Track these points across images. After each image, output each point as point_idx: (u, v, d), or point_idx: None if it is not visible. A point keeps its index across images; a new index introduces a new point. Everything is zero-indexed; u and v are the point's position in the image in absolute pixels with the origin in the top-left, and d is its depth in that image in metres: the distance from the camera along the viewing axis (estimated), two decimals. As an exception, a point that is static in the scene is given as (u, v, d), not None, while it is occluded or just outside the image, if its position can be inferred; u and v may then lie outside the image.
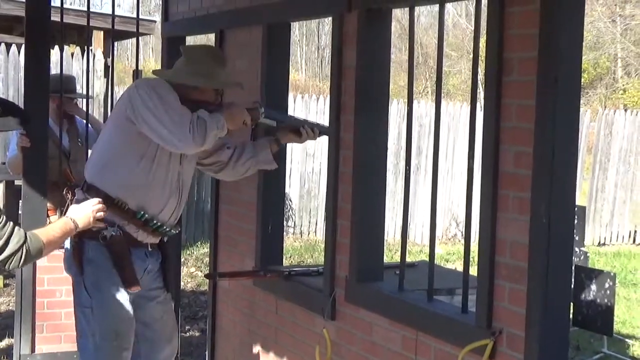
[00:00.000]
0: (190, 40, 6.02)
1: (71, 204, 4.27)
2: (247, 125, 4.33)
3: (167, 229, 4.34)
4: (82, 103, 6.98)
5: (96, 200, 3.93)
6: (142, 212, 4.19)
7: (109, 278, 4.19)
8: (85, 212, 3.84)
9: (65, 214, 3.96)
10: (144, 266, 4.34)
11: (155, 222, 4.24)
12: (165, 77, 4.28)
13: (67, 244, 4.26)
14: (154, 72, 4.51)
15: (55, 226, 3.74)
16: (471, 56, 3.79)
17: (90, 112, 6.75)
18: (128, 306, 4.26)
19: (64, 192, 5.72)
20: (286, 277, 4.68)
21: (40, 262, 5.71)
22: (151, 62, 30.35)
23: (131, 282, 4.21)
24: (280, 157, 4.86)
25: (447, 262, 11.52)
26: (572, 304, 6.60)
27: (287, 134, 4.55)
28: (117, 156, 4.20)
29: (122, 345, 4.25)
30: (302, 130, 4.50)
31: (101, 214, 3.89)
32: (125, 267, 4.19)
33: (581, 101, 3.45)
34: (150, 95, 4.07)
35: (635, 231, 14.03)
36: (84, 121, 6.36)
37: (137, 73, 7.20)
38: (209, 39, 7.48)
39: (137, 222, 4.21)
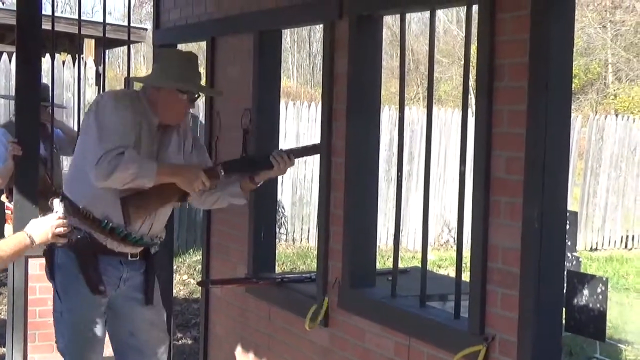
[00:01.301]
0: (182, 47, 6.02)
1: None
2: (206, 187, 4.25)
3: (139, 239, 4.32)
4: (63, 113, 7.00)
5: (56, 215, 3.82)
6: (106, 221, 4.20)
7: (76, 282, 4.24)
8: (43, 227, 3.75)
9: None
10: (119, 275, 4.35)
11: (121, 230, 4.23)
12: (136, 80, 4.40)
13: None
14: (131, 78, 4.66)
15: (8, 242, 3.67)
16: (462, 62, 3.80)
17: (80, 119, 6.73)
18: (96, 311, 4.31)
19: (49, 202, 5.73)
20: (279, 284, 4.67)
21: (32, 271, 5.70)
22: (142, 69, 30.31)
23: (93, 287, 4.22)
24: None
25: (439, 268, 11.52)
26: (564, 309, 6.61)
27: (259, 173, 4.44)
28: (82, 167, 4.18)
29: (90, 349, 4.33)
30: (272, 160, 4.37)
31: (61, 229, 3.79)
32: (89, 271, 4.22)
33: (572, 106, 3.46)
34: (94, 113, 4.10)
35: (627, 236, 14.06)
36: (58, 129, 6.44)
37: (128, 81, 7.20)
38: (201, 46, 7.50)
39: (102, 230, 4.22)
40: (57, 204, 4.03)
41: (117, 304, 4.42)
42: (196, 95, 4.33)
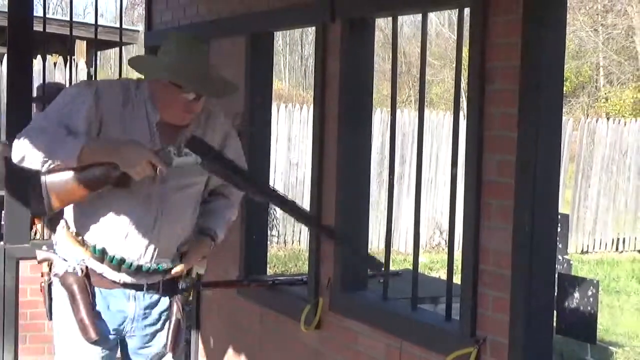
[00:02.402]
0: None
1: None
2: (153, 171, 3.18)
3: (139, 266, 3.39)
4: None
5: None
6: (94, 245, 3.36)
7: (69, 327, 3.43)
8: None
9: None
10: (123, 315, 3.46)
11: (114, 256, 3.36)
12: (132, 65, 3.45)
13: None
14: (130, 59, 3.56)
15: None
16: (454, 65, 3.80)
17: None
18: (90, 357, 3.44)
19: None
20: (270, 287, 4.67)
21: (23, 273, 5.69)
22: (134, 71, 30.27)
23: (83, 328, 3.38)
24: (265, 166, 4.88)
25: (431, 270, 11.52)
26: (555, 311, 6.61)
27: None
28: None
29: None
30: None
31: None
32: (77, 310, 3.37)
33: (564, 110, 3.48)
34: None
35: (618, 239, 14.08)
36: None
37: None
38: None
39: (95, 256, 3.38)
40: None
41: (131, 347, 3.55)
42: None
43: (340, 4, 4.10)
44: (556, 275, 6.89)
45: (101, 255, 3.35)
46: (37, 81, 6.80)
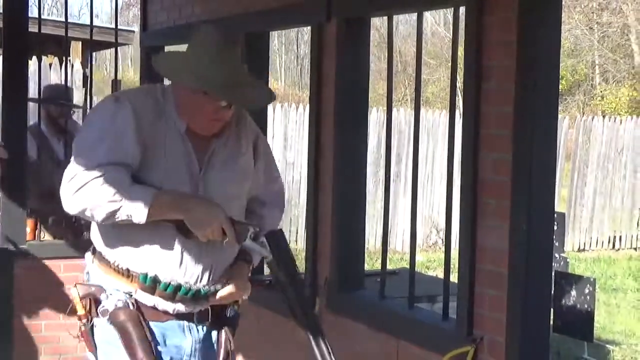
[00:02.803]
0: (170, 49, 6.02)
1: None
2: (221, 237, 2.89)
3: (197, 291, 3.00)
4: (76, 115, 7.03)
5: None
6: (144, 274, 2.95)
7: None
8: None
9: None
10: (180, 349, 3.07)
11: (169, 284, 2.95)
12: (158, 66, 3.06)
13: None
14: (155, 59, 3.09)
15: None
16: (450, 64, 3.81)
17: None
18: None
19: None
20: (267, 286, 4.67)
21: (19, 274, 5.68)
22: (130, 72, 30.27)
23: None
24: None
25: (427, 269, 11.52)
26: (552, 309, 6.62)
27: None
28: None
29: None
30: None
31: None
32: (134, 351, 2.95)
33: (559, 108, 3.48)
34: (84, 122, 3.02)
35: (615, 237, 14.09)
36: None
37: (116, 83, 7.18)
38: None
39: (145, 287, 2.96)
40: (89, 257, 3.10)
41: None
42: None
43: (336, 3, 4.11)
44: (553, 274, 6.90)
45: (153, 284, 2.94)
46: (32, 82, 6.79)
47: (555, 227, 6.41)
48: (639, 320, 9.18)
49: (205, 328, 3.10)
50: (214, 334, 3.13)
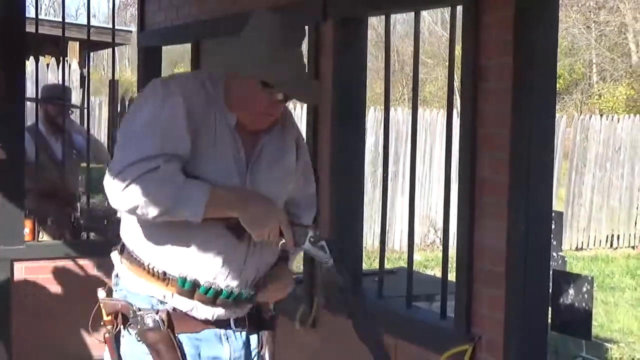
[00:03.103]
0: (166, 50, 6.03)
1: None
2: (274, 241, 2.67)
3: (238, 294, 2.77)
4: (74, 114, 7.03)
5: None
6: (183, 277, 2.70)
7: None
8: None
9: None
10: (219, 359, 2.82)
11: (210, 287, 2.71)
12: (212, 55, 2.93)
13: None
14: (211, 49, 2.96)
15: None
16: (447, 63, 3.81)
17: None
18: None
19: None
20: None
21: (18, 275, 5.68)
22: (127, 72, 30.25)
23: None
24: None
25: (425, 268, 11.52)
26: (550, 308, 6.63)
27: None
28: None
29: None
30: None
31: None
32: None
33: (557, 107, 3.49)
34: (132, 107, 2.75)
35: (612, 235, 14.10)
36: (80, 135, 6.42)
37: (113, 83, 7.19)
38: (186, 48, 7.49)
39: (183, 291, 2.71)
40: (117, 257, 2.87)
41: None
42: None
43: (333, 3, 4.11)
44: (551, 272, 6.90)
45: (192, 288, 2.70)
46: (29, 83, 6.79)
47: (553, 226, 6.41)
48: (636, 319, 9.19)
49: (243, 334, 2.85)
50: (254, 339, 2.89)
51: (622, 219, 14.16)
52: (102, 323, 2.81)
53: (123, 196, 2.53)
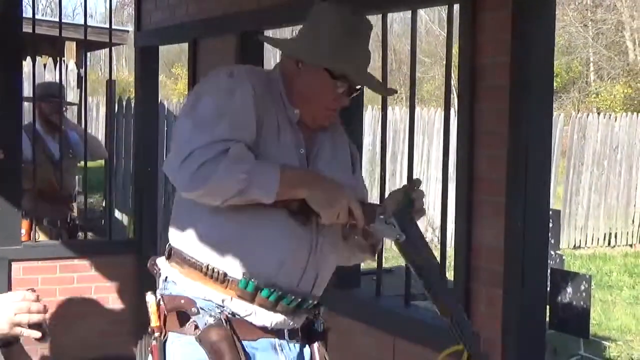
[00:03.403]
0: (164, 49, 6.03)
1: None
2: (344, 222, 2.53)
3: (303, 301, 2.62)
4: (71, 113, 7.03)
5: (19, 294, 2.23)
6: (245, 279, 2.54)
7: None
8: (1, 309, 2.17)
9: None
10: None
11: (273, 291, 2.55)
12: (273, 43, 2.85)
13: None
14: (262, 38, 3.02)
15: None
16: (444, 62, 3.81)
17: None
18: None
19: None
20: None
21: (15, 275, 5.67)
22: (125, 72, 30.25)
23: None
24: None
25: (423, 267, 11.52)
26: (548, 306, 6.63)
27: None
28: (186, 199, 2.55)
29: None
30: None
31: (26, 316, 2.20)
32: None
33: (554, 105, 3.49)
34: (194, 93, 2.64)
35: (610, 234, 14.11)
36: (74, 132, 6.42)
37: (110, 83, 7.19)
38: (183, 48, 7.49)
39: (244, 294, 2.55)
40: (164, 262, 2.67)
41: None
42: (357, 87, 2.69)
43: (329, 1, 4.10)
44: (548, 271, 6.90)
45: (254, 290, 2.54)
46: (26, 83, 6.79)
47: (551, 225, 6.42)
48: (634, 317, 9.19)
49: (297, 345, 2.69)
50: (307, 351, 2.73)
51: (620, 217, 14.17)
52: (149, 330, 2.62)
53: (193, 180, 2.39)
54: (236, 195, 2.40)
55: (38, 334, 2.24)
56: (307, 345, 2.72)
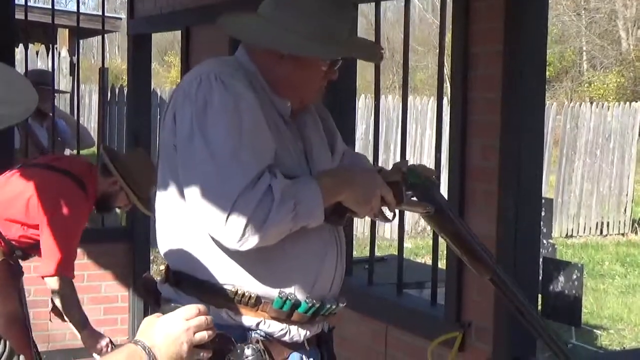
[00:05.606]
0: (157, 37, 6.01)
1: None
2: (375, 209, 2.35)
3: (332, 307, 2.43)
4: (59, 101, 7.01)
5: (193, 308, 1.88)
6: (281, 298, 2.31)
7: None
8: (172, 334, 1.85)
9: None
10: None
11: (311, 306, 2.35)
12: (243, 37, 2.59)
13: None
14: (220, 22, 2.71)
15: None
16: (438, 51, 3.81)
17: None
18: None
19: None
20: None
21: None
22: (117, 59, 30.16)
23: None
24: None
25: (416, 256, 11.54)
26: (540, 295, 6.65)
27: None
28: (182, 218, 2.32)
29: None
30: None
31: (205, 333, 1.87)
32: None
33: (547, 94, 3.49)
34: (196, 117, 2.23)
35: (602, 223, 14.14)
36: (62, 120, 6.40)
37: (103, 71, 7.17)
38: (176, 35, 7.48)
39: (279, 314, 2.33)
40: (170, 291, 2.35)
41: None
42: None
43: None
44: (541, 260, 6.92)
45: (290, 310, 2.32)
46: (19, 70, 6.76)
47: (543, 213, 6.44)
48: (626, 306, 9.22)
49: (315, 351, 2.51)
50: (319, 355, 2.55)
51: (612, 207, 14.19)
52: None
53: (246, 235, 2.15)
54: (287, 231, 2.22)
55: (210, 354, 1.90)
56: (318, 347, 2.54)
